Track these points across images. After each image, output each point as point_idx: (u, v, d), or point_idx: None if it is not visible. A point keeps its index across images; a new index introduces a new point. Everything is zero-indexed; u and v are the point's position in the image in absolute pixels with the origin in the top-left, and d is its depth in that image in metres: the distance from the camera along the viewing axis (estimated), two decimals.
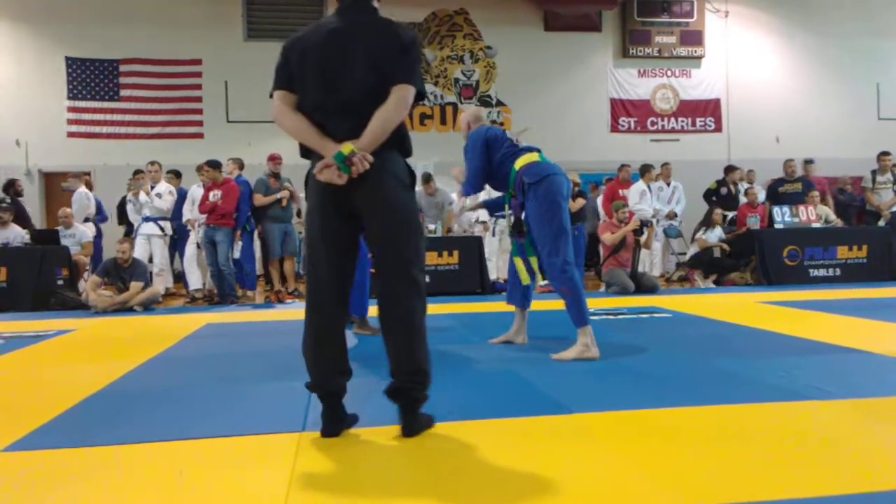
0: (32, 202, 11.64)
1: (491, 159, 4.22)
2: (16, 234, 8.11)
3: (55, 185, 12.20)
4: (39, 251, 7.87)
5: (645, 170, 9.84)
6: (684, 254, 10.00)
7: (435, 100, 12.96)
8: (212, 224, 7.69)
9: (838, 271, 8.73)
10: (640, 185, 9.64)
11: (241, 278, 8.49)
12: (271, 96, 2.51)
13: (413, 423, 2.49)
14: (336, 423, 2.51)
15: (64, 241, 8.30)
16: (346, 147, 2.33)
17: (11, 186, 9.35)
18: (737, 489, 1.94)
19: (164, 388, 3.36)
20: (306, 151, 2.53)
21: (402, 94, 2.42)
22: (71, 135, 12.15)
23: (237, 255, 8.37)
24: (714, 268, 8.73)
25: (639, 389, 3.17)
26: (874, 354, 3.83)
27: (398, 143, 2.51)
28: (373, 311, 3.06)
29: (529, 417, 2.72)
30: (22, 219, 8.74)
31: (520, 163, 4.11)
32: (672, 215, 9.60)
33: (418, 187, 9.33)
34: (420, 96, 2.50)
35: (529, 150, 4.22)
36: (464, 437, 2.48)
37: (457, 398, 3.03)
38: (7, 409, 3.03)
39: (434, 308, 4.44)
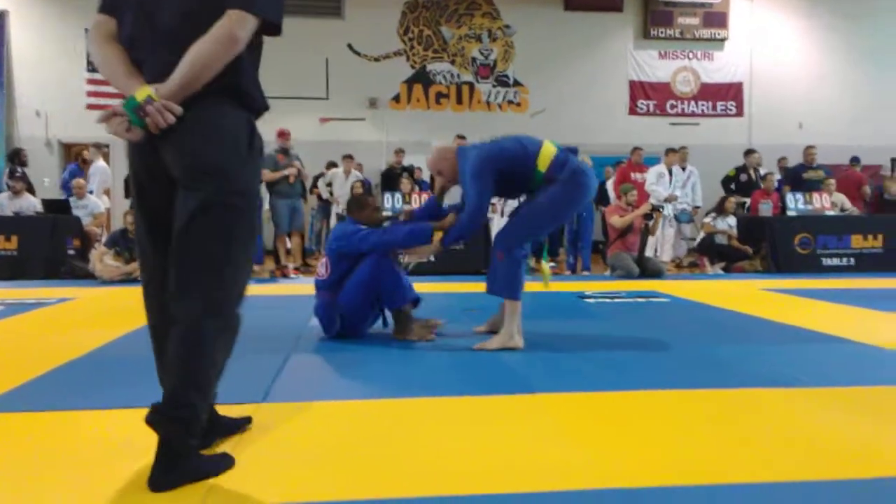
0: (51, 173, 11.85)
1: (501, 171, 3.67)
2: (29, 204, 8.26)
3: (74, 157, 12.37)
4: (51, 221, 7.99)
5: (668, 152, 9.61)
6: (694, 239, 9.87)
7: (451, 79, 12.88)
8: None
9: (852, 261, 8.54)
10: (660, 167, 9.48)
11: None
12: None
13: (164, 474, 1.77)
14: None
15: (76, 212, 8.43)
16: (142, 91, 1.73)
17: (17, 156, 9.48)
18: (706, 471, 1.92)
19: (142, 357, 3.40)
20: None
21: (230, 22, 1.76)
22: (90, 107, 12.28)
23: None
24: (721, 254, 8.61)
25: (612, 372, 3.15)
26: (871, 346, 3.75)
27: (230, 89, 1.85)
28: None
29: (497, 396, 2.72)
30: (28, 188, 8.89)
31: (544, 162, 3.66)
32: (672, 198, 9.30)
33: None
34: (271, 28, 1.87)
35: (536, 143, 3.74)
36: (429, 410, 2.49)
37: (437, 376, 3.05)
38: None
39: (436, 287, 4.34)
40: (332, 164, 10.79)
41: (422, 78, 12.85)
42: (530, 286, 4.24)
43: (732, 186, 9.83)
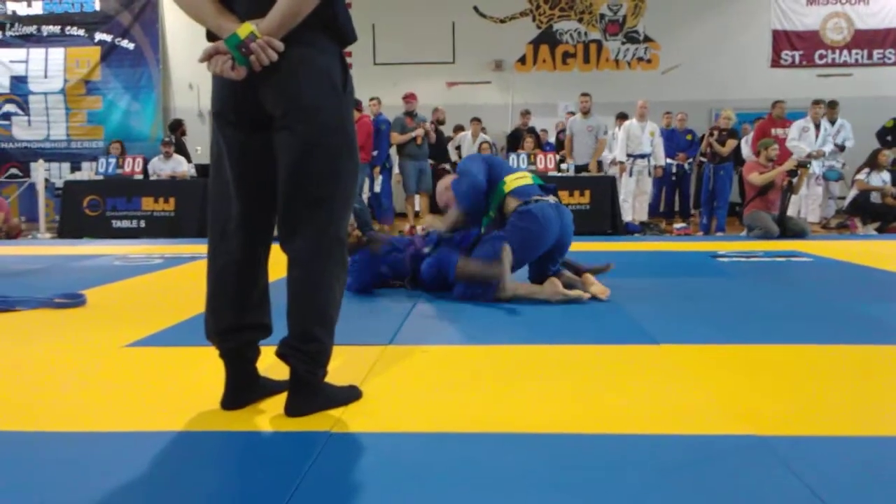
0: (203, 141, 12.73)
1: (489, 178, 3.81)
2: (178, 162, 9.09)
3: None
4: (203, 184, 8.64)
5: (814, 104, 8.92)
6: (844, 198, 9.15)
7: (578, 37, 12.53)
8: None
9: None
10: (803, 121, 8.83)
11: (378, 213, 8.91)
12: None
13: (298, 402, 1.89)
14: (239, 391, 1.98)
15: None
16: (244, 28, 1.69)
17: (179, 127, 10.30)
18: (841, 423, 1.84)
19: (278, 303, 3.64)
20: (213, 36, 1.81)
21: None
22: None
23: (378, 189, 8.81)
24: (876, 214, 7.93)
25: (744, 325, 3.02)
26: None
27: (327, 23, 1.80)
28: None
29: (622, 345, 2.70)
30: (184, 155, 9.64)
31: (510, 185, 3.78)
32: (819, 154, 8.52)
33: (577, 116, 9.13)
34: None
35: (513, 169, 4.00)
36: (542, 356, 2.52)
37: (552, 324, 3.07)
38: (141, 314, 3.43)
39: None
40: (459, 128, 10.88)
41: (548, 38, 12.60)
42: (656, 245, 4.14)
43: (889, 138, 9.00)
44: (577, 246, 5.88)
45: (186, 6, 1.81)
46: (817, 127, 8.74)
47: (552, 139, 11.20)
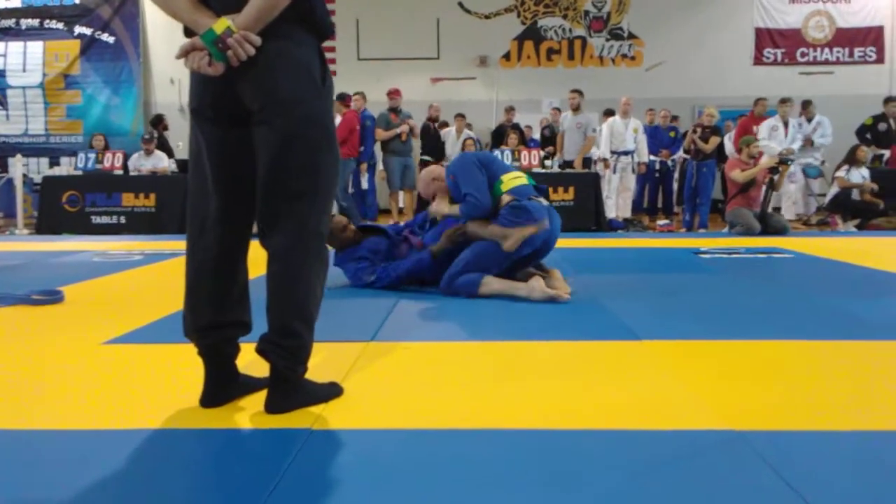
0: (184, 136, 12.60)
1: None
2: (159, 158, 9.00)
3: None
4: (184, 179, 8.56)
5: (780, 103, 9.03)
6: (825, 195, 9.23)
7: (563, 34, 12.54)
8: None
9: None
10: (772, 120, 8.93)
11: (362, 209, 8.90)
12: None
13: (278, 399, 1.88)
14: (218, 388, 1.96)
15: None
16: (220, 24, 1.67)
17: (160, 122, 10.18)
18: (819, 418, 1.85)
19: (257, 299, 3.62)
20: (190, 32, 1.80)
21: None
22: None
23: (365, 186, 8.79)
24: (856, 210, 8.02)
25: (722, 322, 3.04)
26: None
27: (304, 16, 1.79)
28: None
29: (603, 341, 2.70)
30: (166, 151, 9.54)
31: (507, 185, 3.74)
32: (788, 152, 8.56)
33: (568, 113, 9.15)
34: None
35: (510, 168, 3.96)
36: (530, 353, 2.52)
37: (535, 321, 3.07)
38: (120, 311, 3.39)
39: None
40: (443, 124, 10.86)
41: (532, 34, 12.60)
42: (640, 241, 4.15)
43: (868, 136, 9.09)
44: (562, 242, 5.88)
45: (161, 2, 1.78)
46: (786, 125, 8.83)
47: (536, 135, 11.21)
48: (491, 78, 12.63)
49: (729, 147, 9.16)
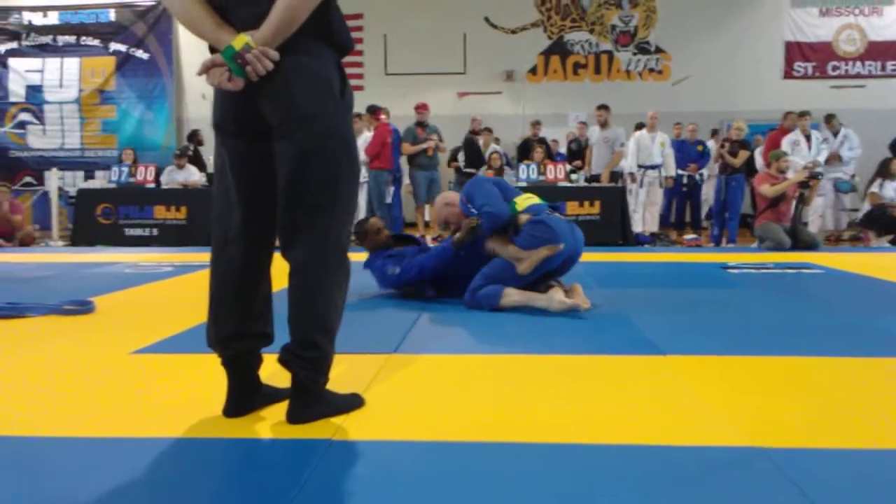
0: None
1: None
2: (191, 172, 9.17)
3: None
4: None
5: (800, 117, 8.89)
6: (857, 210, 9.07)
7: (590, 48, 12.54)
8: None
9: None
10: (793, 134, 8.82)
11: (388, 223, 8.95)
12: None
13: (299, 409, 1.90)
14: (240, 398, 1.98)
15: None
16: (239, 40, 1.70)
17: (194, 136, 10.41)
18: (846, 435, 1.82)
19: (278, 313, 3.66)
20: (215, 49, 1.80)
21: None
22: None
23: (389, 199, 8.85)
24: (890, 225, 7.86)
25: (750, 337, 3.00)
26: None
27: (323, 31, 1.81)
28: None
29: (626, 356, 2.69)
30: (199, 164, 9.71)
31: (521, 204, 3.82)
32: (814, 165, 8.37)
33: (595, 128, 9.18)
34: None
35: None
36: (538, 367, 2.51)
37: (557, 335, 3.06)
38: (148, 321, 3.45)
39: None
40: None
41: (559, 49, 12.62)
42: (667, 256, 4.11)
43: None
44: (588, 256, 5.85)
45: (186, 21, 1.81)
46: (808, 139, 8.71)
47: (563, 149, 11.19)
48: (517, 92, 12.66)
49: (759, 161, 9.05)
